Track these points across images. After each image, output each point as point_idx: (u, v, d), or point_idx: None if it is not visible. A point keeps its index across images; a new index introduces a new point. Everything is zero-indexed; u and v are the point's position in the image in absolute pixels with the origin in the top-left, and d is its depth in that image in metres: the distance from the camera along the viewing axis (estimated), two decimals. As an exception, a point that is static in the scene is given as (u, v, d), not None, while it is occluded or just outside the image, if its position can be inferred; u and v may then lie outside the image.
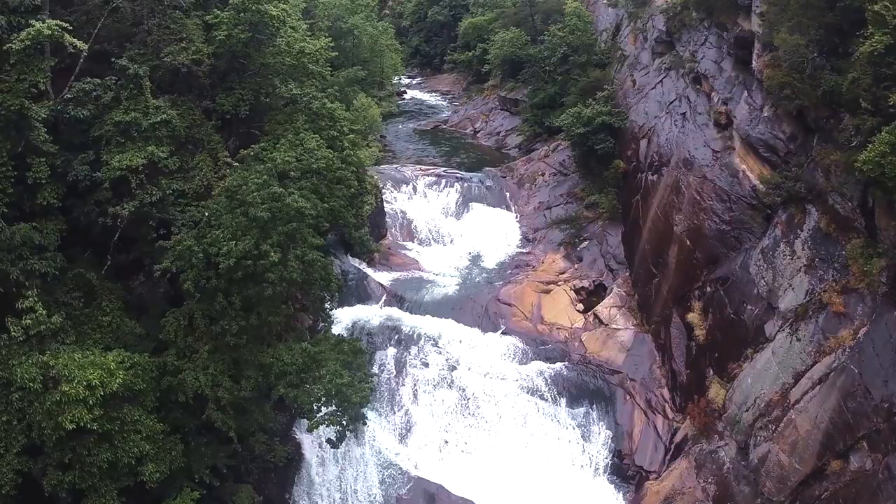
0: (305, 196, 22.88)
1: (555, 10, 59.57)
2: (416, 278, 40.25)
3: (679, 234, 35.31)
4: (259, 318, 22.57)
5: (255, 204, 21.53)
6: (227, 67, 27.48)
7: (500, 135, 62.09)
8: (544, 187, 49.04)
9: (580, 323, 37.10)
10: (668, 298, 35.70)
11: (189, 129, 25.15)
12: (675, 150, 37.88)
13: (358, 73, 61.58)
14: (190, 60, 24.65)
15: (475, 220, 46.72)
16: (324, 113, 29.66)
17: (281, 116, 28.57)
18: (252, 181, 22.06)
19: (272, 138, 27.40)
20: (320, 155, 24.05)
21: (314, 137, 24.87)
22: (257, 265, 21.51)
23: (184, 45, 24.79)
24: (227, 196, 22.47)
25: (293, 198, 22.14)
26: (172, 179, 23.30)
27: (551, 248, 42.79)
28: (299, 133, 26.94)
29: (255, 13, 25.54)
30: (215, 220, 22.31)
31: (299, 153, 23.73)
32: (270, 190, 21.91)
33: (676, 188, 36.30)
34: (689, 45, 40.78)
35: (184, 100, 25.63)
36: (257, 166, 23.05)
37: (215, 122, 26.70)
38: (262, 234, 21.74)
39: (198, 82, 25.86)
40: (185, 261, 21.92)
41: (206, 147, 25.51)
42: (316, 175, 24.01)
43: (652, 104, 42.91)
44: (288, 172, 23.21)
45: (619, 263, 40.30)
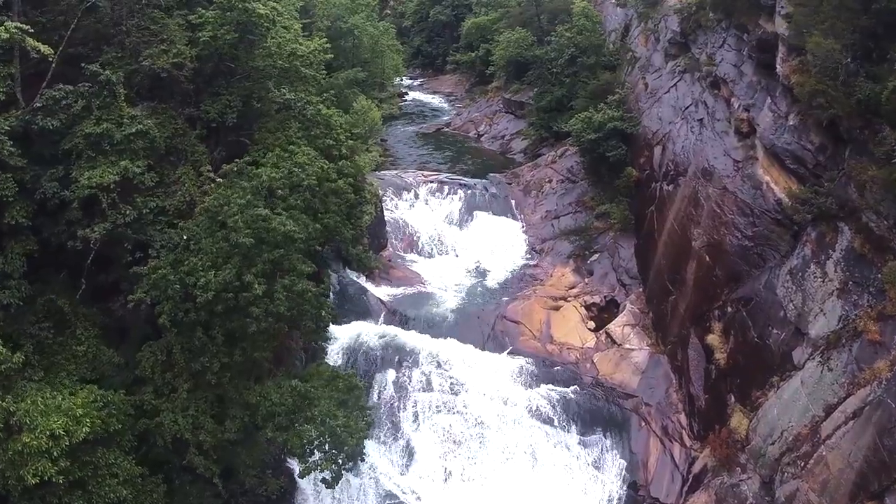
0: (295, 217, 20.78)
1: (562, 10, 57.44)
2: (417, 293, 38.17)
3: (697, 250, 33.20)
4: (244, 353, 20.47)
5: (237, 228, 19.43)
6: (214, 71, 25.44)
7: (504, 139, 60.00)
8: (552, 195, 46.91)
9: (591, 342, 35.02)
10: (685, 318, 33.60)
11: (170, 139, 23.10)
12: (692, 159, 35.77)
13: (358, 74, 59.57)
14: (171, 64, 22.58)
15: (479, 229, 44.62)
16: (318, 120, 27.63)
17: (272, 124, 26.52)
18: (234, 201, 19.96)
19: (262, 148, 25.38)
20: (311, 171, 21.92)
21: (306, 151, 22.76)
22: (240, 298, 19.40)
23: (164, 47, 22.73)
24: (207, 217, 20.35)
25: (280, 220, 20.03)
26: (150, 196, 21.21)
27: (560, 261, 40.67)
28: (290, 144, 24.92)
29: (242, 12, 23.48)
30: (195, 243, 20.21)
31: (289, 168, 21.61)
32: (255, 212, 19.81)
33: (694, 200, 34.18)
34: (706, 48, 38.65)
35: (165, 107, 23.58)
36: (241, 183, 20.93)
37: (200, 130, 24.65)
38: (246, 262, 19.65)
39: (180, 88, 23.81)
40: (161, 291, 19.83)
41: (190, 159, 23.47)
42: (308, 190, 21.88)
43: (666, 109, 40.80)
44: (275, 190, 21.09)
45: (631, 278, 38.20)
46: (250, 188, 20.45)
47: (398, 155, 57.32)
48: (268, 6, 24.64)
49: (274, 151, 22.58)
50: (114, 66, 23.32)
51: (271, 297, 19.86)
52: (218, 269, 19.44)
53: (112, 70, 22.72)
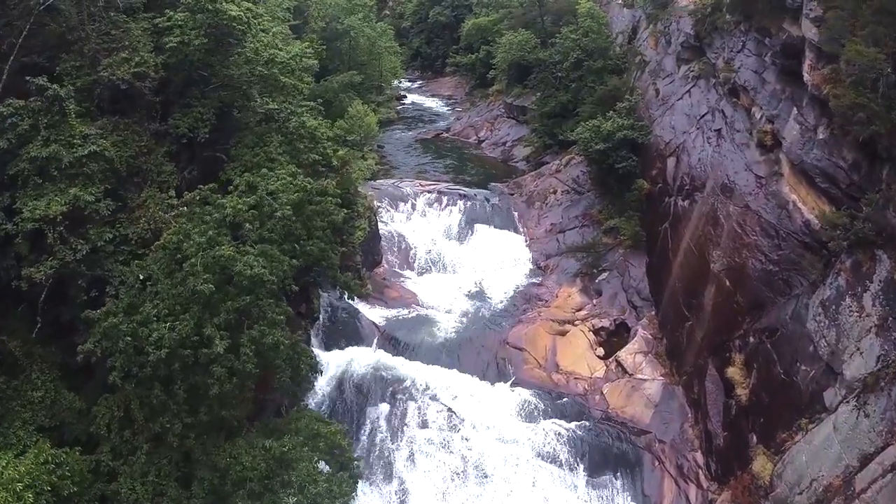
0: (267, 253, 18.20)
1: (566, 11, 54.82)
2: (413, 316, 35.58)
3: (717, 273, 30.65)
4: (210, 412, 17.90)
5: (195, 272, 16.87)
6: (185, 81, 22.92)
7: (506, 145, 57.39)
8: (556, 207, 44.32)
9: (601, 371, 32.46)
10: (702, 347, 31.06)
11: (133, 158, 20.57)
12: (710, 173, 33.19)
13: (354, 77, 57.12)
14: (132, 74, 20.02)
15: (480, 244, 42.01)
16: (302, 133, 25.12)
17: (250, 138, 23.99)
18: (195, 238, 17.38)
19: (239, 165, 22.85)
20: (286, 199, 19.35)
21: (280, 174, 20.21)
22: (199, 355, 16.85)
23: (125, 55, 20.16)
24: (165, 254, 17.80)
25: (247, 261, 17.46)
26: (106, 227, 18.64)
27: (566, 280, 38.09)
28: (270, 161, 22.40)
29: (212, 14, 20.94)
30: (152, 284, 17.65)
31: (259, 196, 19.04)
32: (216, 253, 17.23)
33: (713, 218, 31.62)
34: (723, 52, 36.03)
35: (128, 122, 21.02)
36: (204, 215, 18.34)
37: (169, 147, 22.12)
38: (206, 312, 17.10)
39: (144, 100, 21.23)
40: (112, 342, 17.28)
41: (156, 180, 20.93)
42: (282, 221, 19.30)
43: (679, 117, 38.22)
44: (243, 224, 18.54)
45: (643, 300, 35.62)
46: (213, 221, 17.86)
47: (395, 162, 54.74)
48: (242, 7, 22.09)
49: (242, 177, 20.00)
50: (72, 76, 20.82)
51: (237, 353, 17.32)
52: (176, 318, 16.84)
53: (70, 80, 20.23)
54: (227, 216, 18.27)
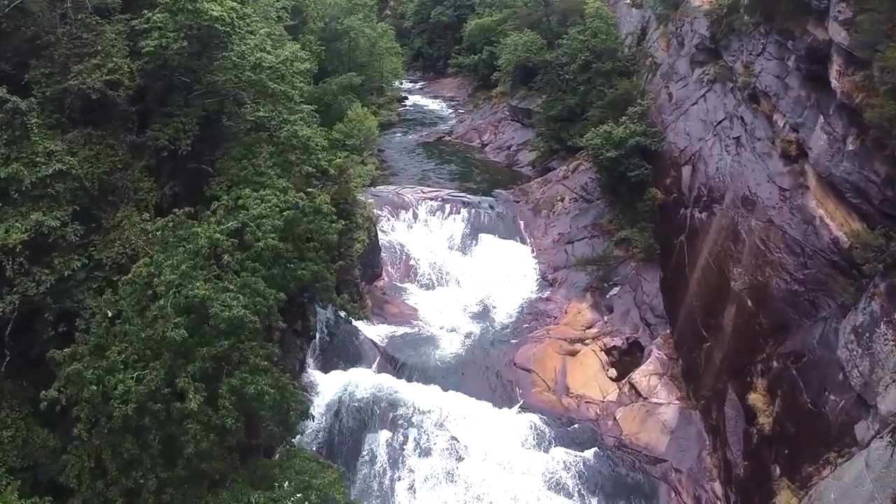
0: (250, 287, 16.35)
1: (573, 11, 52.94)
2: (415, 334, 33.78)
3: (738, 292, 28.81)
4: (188, 466, 16.08)
5: (165, 316, 15.07)
6: (166, 88, 21.10)
7: (510, 149, 55.54)
8: (564, 215, 42.50)
9: (613, 394, 30.64)
10: (721, 370, 29.24)
11: (108, 174, 18.77)
12: (729, 184, 31.35)
13: (353, 79, 55.37)
14: (103, 82, 18.22)
15: (485, 255, 40.20)
16: (294, 143, 23.32)
17: (238, 150, 22.18)
18: (166, 273, 15.57)
19: (225, 180, 21.07)
20: (270, 224, 17.50)
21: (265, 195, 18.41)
22: (172, 409, 15.05)
23: (98, 60, 18.35)
24: (135, 289, 16.00)
25: (225, 300, 15.60)
26: (74, 255, 16.85)
27: (575, 294, 36.25)
28: (258, 175, 20.60)
29: (192, 14, 19.13)
30: (122, 322, 15.86)
31: (241, 222, 17.23)
32: (189, 292, 15.42)
33: (734, 233, 29.78)
34: (742, 55, 34.12)
35: (102, 134, 19.22)
36: (178, 245, 16.53)
37: (148, 161, 20.31)
38: (179, 359, 15.30)
39: (119, 110, 19.42)
40: (77, 388, 15.49)
41: (133, 198, 19.14)
42: (267, 251, 17.49)
43: (694, 123, 36.36)
44: (221, 255, 16.72)
45: (657, 317, 33.78)
46: (186, 253, 16.04)
47: (396, 167, 52.93)
48: (225, 6, 20.24)
49: (220, 202, 18.17)
50: (41, 84, 19.02)
51: (215, 406, 15.52)
52: (146, 365, 15.04)
53: (39, 89, 18.45)
54: (202, 248, 16.42)
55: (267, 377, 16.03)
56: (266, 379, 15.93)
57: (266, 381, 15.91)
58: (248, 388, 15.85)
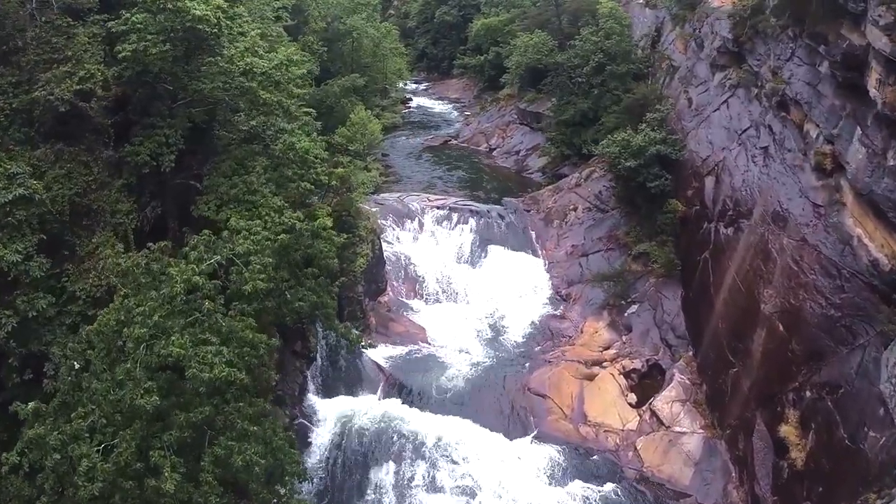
0: (236, 336, 14.40)
1: (585, 11, 50.95)
2: (422, 356, 31.91)
3: (768, 316, 26.91)
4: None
5: (135, 380, 13.14)
6: (148, 96, 19.23)
7: (519, 154, 53.61)
8: (577, 226, 40.59)
9: (634, 422, 28.77)
10: (749, 398, 27.37)
11: (81, 196, 16.93)
12: (757, 198, 29.43)
13: (356, 81, 53.39)
14: (73, 92, 16.37)
15: (494, 268, 38.30)
16: (291, 157, 21.45)
17: (228, 164, 20.35)
18: (136, 323, 13.65)
19: (215, 199, 19.25)
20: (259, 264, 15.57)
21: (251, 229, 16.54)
22: (145, 488, 13.13)
23: (68, 68, 16.48)
24: (103, 341, 14.11)
25: (205, 356, 13.64)
26: (41, 292, 14.99)
27: (591, 312, 34.35)
28: (250, 194, 18.76)
29: (173, 14, 17.26)
30: (90, 375, 13.94)
31: (225, 256, 15.33)
32: (162, 351, 13.51)
33: (764, 251, 27.87)
34: (768, 60, 32.15)
35: (75, 150, 17.37)
36: (150, 289, 14.62)
37: (128, 179, 18.46)
38: (154, 425, 13.40)
39: (93, 123, 17.56)
40: (40, 453, 13.61)
41: (111, 221, 17.30)
42: (256, 295, 15.61)
43: (717, 131, 34.43)
44: (201, 301, 14.78)
45: (678, 338, 31.87)
46: (159, 299, 14.14)
47: (401, 173, 51.02)
48: (210, 6, 18.33)
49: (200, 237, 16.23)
50: (8, 95, 17.17)
51: (196, 480, 13.62)
52: (116, 432, 13.12)
53: (5, 100, 16.59)
54: (177, 293, 14.49)
55: (257, 444, 14.06)
56: (255, 447, 13.96)
57: (256, 448, 13.93)
58: (234, 458, 13.91)
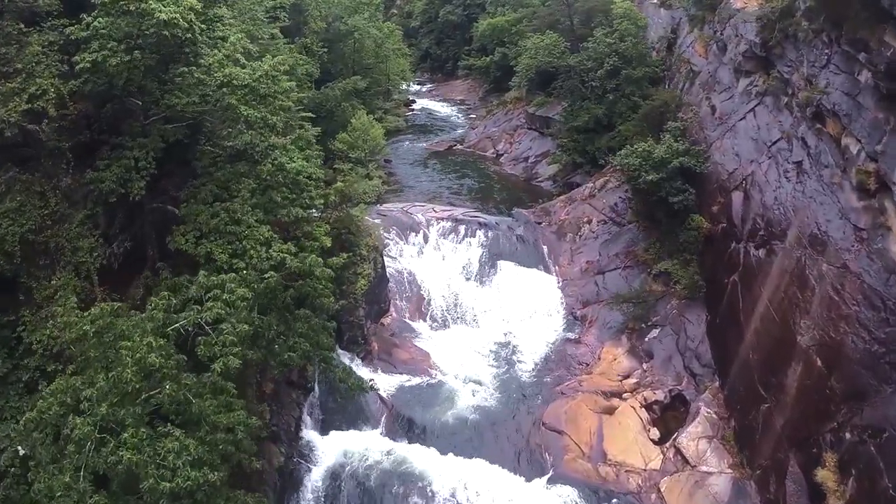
0: (206, 419, 12.16)
1: (598, 11, 48.65)
2: (428, 386, 29.71)
3: (805, 349, 24.68)
4: None
5: (80, 493, 10.90)
6: (118, 113, 17.05)
7: (528, 161, 51.33)
8: (592, 240, 38.37)
9: (657, 461, 26.58)
10: (782, 437, 25.16)
11: (36, 232, 14.80)
12: (792, 218, 27.17)
13: (358, 83, 51.25)
14: (21, 113, 14.19)
15: (505, 286, 36.10)
16: (280, 179, 19.27)
17: (210, 188, 18.21)
18: (84, 411, 11.40)
19: (193, 229, 17.10)
20: (232, 334, 13.32)
21: (224, 285, 14.36)
22: None
23: (16, 84, 14.31)
24: (42, 432, 11.91)
25: (168, 455, 11.43)
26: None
27: (609, 336, 32.14)
28: (233, 224, 16.60)
29: (136, 18, 15.06)
30: (35, 465, 11.78)
31: (192, 321, 13.08)
32: (110, 457, 11.24)
33: (800, 278, 25.62)
34: (801, 66, 29.78)
35: (29, 179, 15.21)
36: (103, 361, 12.37)
37: (92, 209, 16.31)
38: None
39: (47, 147, 15.38)
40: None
41: (72, 260, 15.16)
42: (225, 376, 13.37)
43: (744, 142, 32.13)
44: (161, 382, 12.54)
45: (704, 366, 29.66)
46: (110, 381, 11.90)
47: (404, 181, 48.80)
48: (181, 7, 16.04)
49: (160, 296, 13.99)
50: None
51: None
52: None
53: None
54: (128, 380, 12.20)
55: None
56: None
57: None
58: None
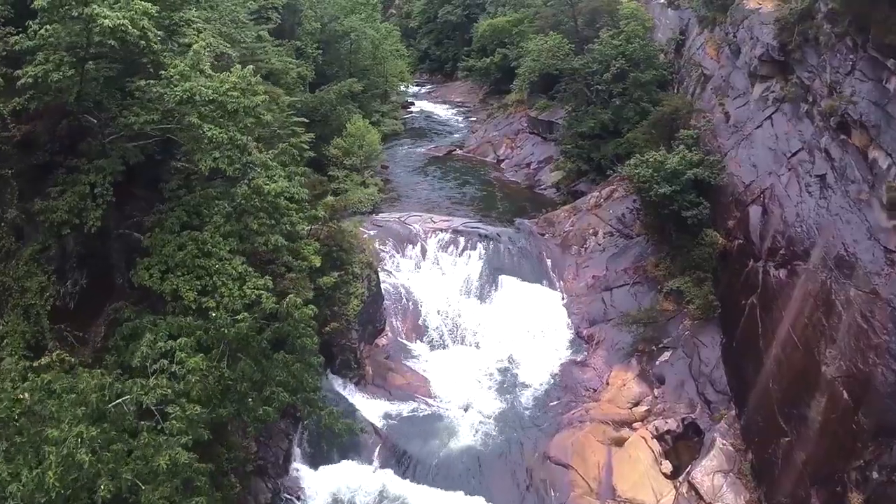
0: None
1: (603, 11, 46.82)
2: (425, 415, 27.83)
3: (831, 380, 22.81)
4: None
5: None
6: (75, 132, 15.21)
7: (530, 167, 49.47)
8: (598, 253, 36.52)
9: (669, 497, 24.71)
10: (804, 473, 23.29)
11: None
12: (815, 237, 25.28)
13: (354, 86, 49.40)
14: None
15: (507, 303, 34.19)
16: (257, 204, 17.38)
17: (178, 214, 16.35)
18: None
19: (158, 262, 15.29)
20: (180, 424, 11.41)
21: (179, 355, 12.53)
22: None
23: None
24: None
25: None
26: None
27: (618, 359, 30.25)
28: (202, 256, 14.79)
29: (82, 25, 13.21)
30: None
31: (136, 397, 11.21)
32: None
33: (826, 303, 23.73)
34: (823, 72, 27.88)
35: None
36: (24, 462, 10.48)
37: (43, 242, 14.49)
38: None
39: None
40: None
41: (20, 302, 13.35)
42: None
43: (761, 152, 30.24)
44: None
45: (718, 392, 27.79)
46: (33, 481, 10.01)
47: (402, 188, 46.92)
48: (133, 10, 14.11)
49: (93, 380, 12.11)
50: None
51: None
52: None
53: None
54: (52, 488, 10.27)
55: None
56: None
57: None
58: None
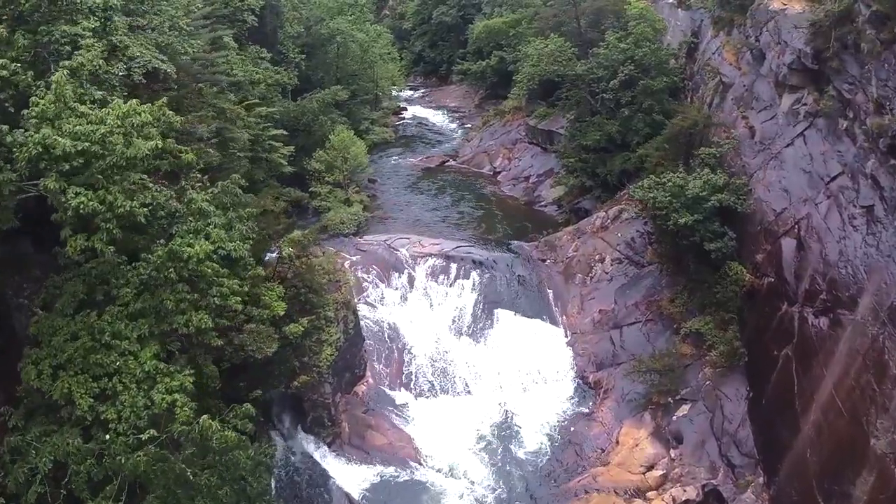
0: None
1: (609, 11, 42.97)
2: (408, 484, 24.00)
3: (881, 456, 19.10)
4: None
5: None
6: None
7: (529, 180, 45.63)
8: (605, 283, 32.69)
9: (693, 586, 20.99)
10: (856, 564, 19.62)
11: None
12: (863, 281, 21.44)
13: (338, 94, 45.61)
14: None
15: (503, 342, 30.37)
16: (173, 276, 13.68)
17: (73, 289, 12.74)
18: None
19: (49, 355, 11.69)
20: None
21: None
22: None
23: None
24: None
25: None
26: None
27: (629, 413, 26.45)
28: (100, 346, 11.23)
29: None
30: None
31: None
32: None
33: (878, 363, 19.91)
34: (867, 85, 23.98)
35: None
36: None
37: None
38: None
39: None
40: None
41: None
42: None
43: (794, 174, 26.42)
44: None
45: (744, 455, 23.96)
46: None
47: (390, 205, 43.10)
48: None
49: None
50: None
51: None
52: None
53: None
54: None
55: None
56: None
57: None
58: None
